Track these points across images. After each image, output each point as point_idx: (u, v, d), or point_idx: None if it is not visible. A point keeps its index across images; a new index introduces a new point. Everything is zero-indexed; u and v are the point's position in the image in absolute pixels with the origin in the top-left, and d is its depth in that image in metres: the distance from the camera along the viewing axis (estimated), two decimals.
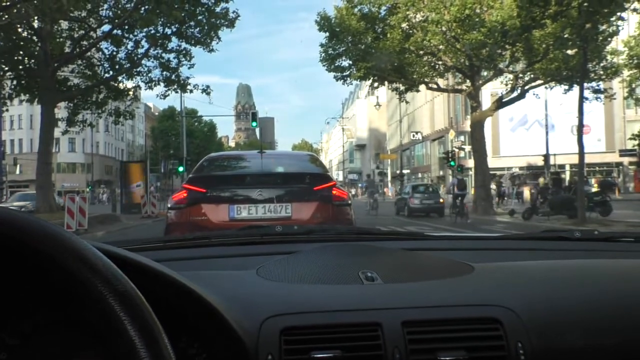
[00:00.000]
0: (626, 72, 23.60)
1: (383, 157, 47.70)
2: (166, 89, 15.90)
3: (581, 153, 12.42)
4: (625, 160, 44.24)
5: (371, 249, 1.26)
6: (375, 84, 20.81)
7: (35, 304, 0.56)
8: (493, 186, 23.92)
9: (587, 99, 19.44)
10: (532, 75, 16.59)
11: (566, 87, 18.31)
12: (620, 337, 0.85)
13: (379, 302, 0.87)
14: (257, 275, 1.00)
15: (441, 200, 18.59)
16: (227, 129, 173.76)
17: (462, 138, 51.88)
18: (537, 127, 47.54)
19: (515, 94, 17.38)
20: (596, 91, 19.00)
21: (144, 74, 15.91)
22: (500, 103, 17.42)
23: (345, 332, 0.81)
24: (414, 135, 51.79)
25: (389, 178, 77.99)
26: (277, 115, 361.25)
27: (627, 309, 0.89)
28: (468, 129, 51.14)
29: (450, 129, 47.37)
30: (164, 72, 15.73)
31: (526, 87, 17.20)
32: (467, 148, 36.25)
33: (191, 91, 16.17)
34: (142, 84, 16.33)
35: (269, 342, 0.79)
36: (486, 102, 28.62)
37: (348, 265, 1.07)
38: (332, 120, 76.03)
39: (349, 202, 4.14)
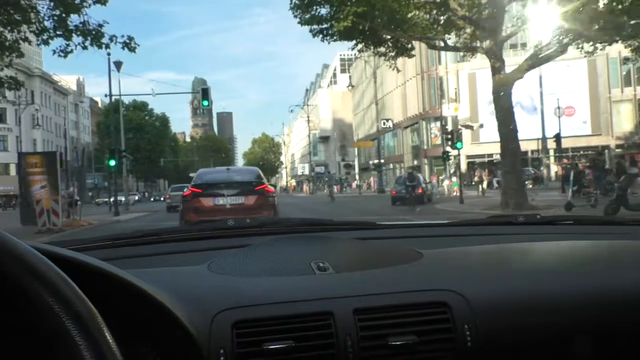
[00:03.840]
0: None
1: (358, 145, 43.16)
2: (67, 41, 10.76)
3: None
4: (612, 143, 41.52)
5: (323, 239, 1.26)
6: (360, 46, 16.23)
7: None
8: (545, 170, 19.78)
9: (627, 59, 15.40)
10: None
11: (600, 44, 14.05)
12: (561, 315, 0.89)
13: (330, 291, 0.88)
14: (208, 270, 0.98)
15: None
16: (184, 126, 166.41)
17: (437, 124, 48.18)
18: (519, 111, 44.03)
19: (550, 51, 13.01)
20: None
21: (30, 17, 10.56)
22: (535, 60, 13.05)
23: (298, 323, 0.82)
24: (384, 123, 47.41)
25: (357, 170, 74.03)
26: (235, 110, 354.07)
27: (566, 288, 0.93)
28: (444, 113, 47.53)
29: (431, 111, 43.21)
30: (58, 13, 10.45)
31: (565, 41, 12.86)
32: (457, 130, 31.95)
33: (107, 46, 11.13)
34: (31, 36, 11.04)
35: (220, 336, 0.79)
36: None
37: (300, 256, 1.06)
38: (296, 109, 71.05)
39: (274, 195, 8.54)
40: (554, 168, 42.16)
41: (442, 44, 14.87)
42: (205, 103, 18.31)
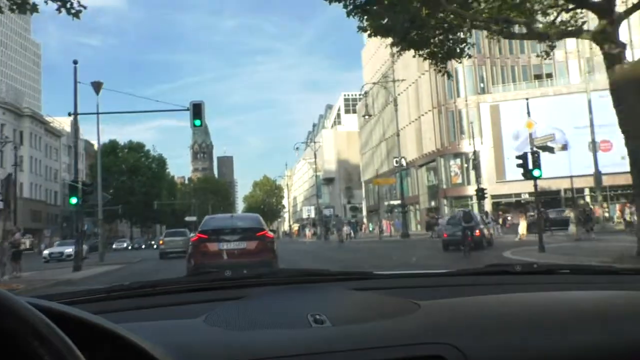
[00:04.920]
0: None
1: (377, 183, 38.74)
2: None
3: None
4: None
5: (320, 290, 1.27)
6: (397, 49, 12.49)
7: None
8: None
9: None
10: None
11: None
12: None
13: (327, 345, 0.88)
14: (204, 322, 0.99)
15: (477, 232, 16.54)
16: (184, 171, 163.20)
17: (457, 161, 44.11)
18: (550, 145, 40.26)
19: None
20: None
21: None
22: None
23: None
24: (396, 162, 43.24)
25: (365, 213, 69.48)
26: (236, 155, 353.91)
27: (563, 341, 0.93)
28: (464, 149, 43.37)
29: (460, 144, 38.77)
30: None
31: None
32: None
33: (33, 8, 7.07)
34: None
35: None
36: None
37: (296, 308, 1.08)
38: (300, 148, 67.30)
39: (273, 239, 9.35)
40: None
41: (524, 30, 10.74)
42: (198, 122, 14.15)
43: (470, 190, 41.94)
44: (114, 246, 52.18)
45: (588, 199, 39.03)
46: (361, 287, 1.34)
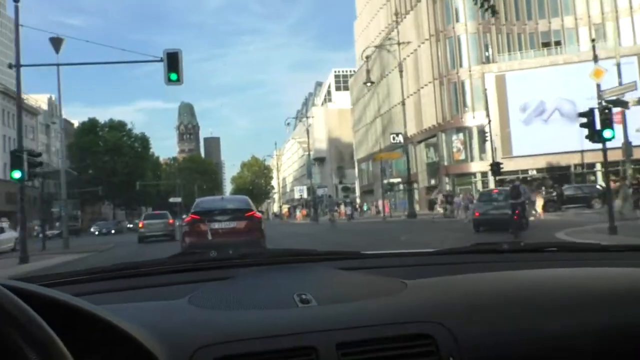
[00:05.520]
0: None
1: (380, 157, 35.82)
2: None
3: None
4: None
5: (306, 270, 1.26)
6: None
7: None
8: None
9: None
10: None
11: None
12: (547, 345, 0.89)
13: (313, 325, 0.88)
14: (188, 303, 0.98)
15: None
16: (171, 153, 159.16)
17: (460, 136, 41.55)
18: (558, 118, 37.55)
19: None
20: None
21: None
22: None
23: (280, 358, 0.82)
24: (394, 138, 40.51)
25: (358, 193, 66.97)
26: (223, 137, 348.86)
27: (552, 318, 0.93)
28: (467, 124, 40.70)
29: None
30: None
31: None
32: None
33: None
34: None
35: None
36: None
37: (282, 288, 1.07)
38: (291, 126, 64.20)
39: (261, 219, 9.95)
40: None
41: None
42: (174, 76, 11.29)
43: (475, 167, 39.50)
44: (92, 230, 48.73)
45: (599, 174, 36.86)
46: (348, 266, 1.31)
